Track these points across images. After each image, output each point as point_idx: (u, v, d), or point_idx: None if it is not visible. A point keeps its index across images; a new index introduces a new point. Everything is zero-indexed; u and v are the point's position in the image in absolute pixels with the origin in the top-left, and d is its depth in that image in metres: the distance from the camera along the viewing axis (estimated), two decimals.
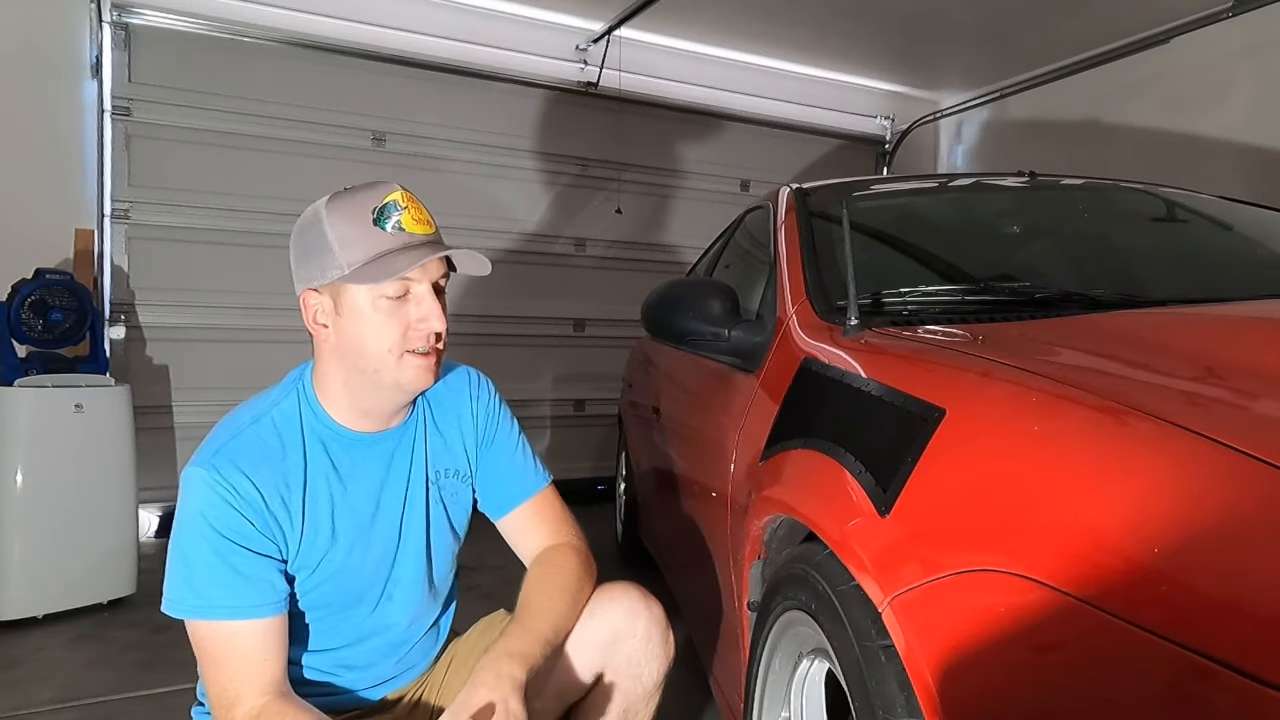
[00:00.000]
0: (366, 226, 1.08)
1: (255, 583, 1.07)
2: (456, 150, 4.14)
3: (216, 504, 1.06)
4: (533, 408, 4.36)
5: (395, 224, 1.09)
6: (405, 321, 1.10)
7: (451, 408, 1.30)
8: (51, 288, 2.79)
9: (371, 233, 1.08)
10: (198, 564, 1.06)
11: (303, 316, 1.14)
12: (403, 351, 1.11)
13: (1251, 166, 3.54)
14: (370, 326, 1.09)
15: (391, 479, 1.22)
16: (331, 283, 1.09)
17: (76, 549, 2.62)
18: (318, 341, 1.15)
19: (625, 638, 1.24)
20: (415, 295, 1.11)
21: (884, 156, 5.38)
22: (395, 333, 1.10)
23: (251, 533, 1.08)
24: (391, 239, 1.08)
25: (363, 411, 1.18)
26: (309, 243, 1.11)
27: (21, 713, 2.01)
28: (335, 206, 1.10)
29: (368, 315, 1.09)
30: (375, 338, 1.10)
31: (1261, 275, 1.57)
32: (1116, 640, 0.59)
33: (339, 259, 1.08)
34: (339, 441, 1.17)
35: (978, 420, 0.85)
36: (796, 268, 1.57)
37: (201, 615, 1.05)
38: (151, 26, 3.56)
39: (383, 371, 1.11)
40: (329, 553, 1.15)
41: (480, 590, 2.67)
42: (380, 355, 1.10)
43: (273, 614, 1.08)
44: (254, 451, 1.10)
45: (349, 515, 1.17)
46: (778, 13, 4.09)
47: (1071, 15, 3.86)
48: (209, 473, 1.07)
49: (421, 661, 1.31)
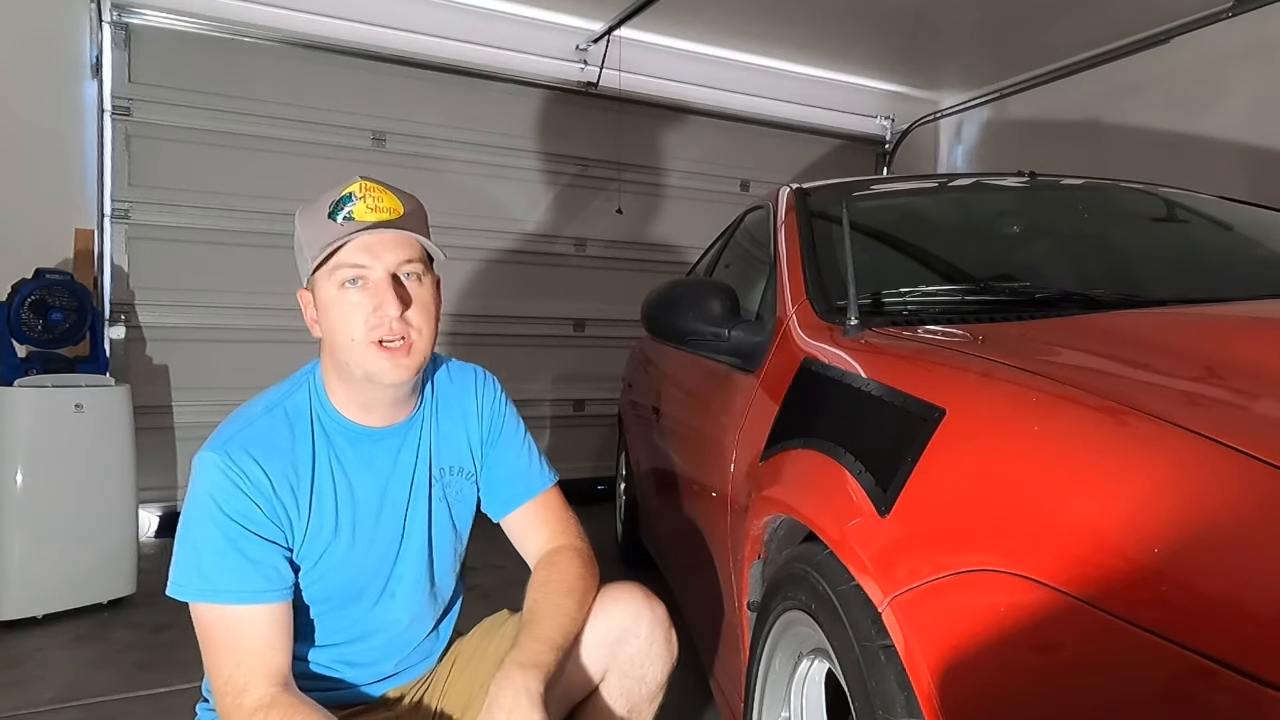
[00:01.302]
0: (322, 219, 1.12)
1: (262, 568, 1.07)
2: (456, 150, 4.14)
3: (226, 488, 1.08)
4: (533, 408, 4.36)
5: (346, 213, 1.11)
6: (364, 309, 1.11)
7: (457, 405, 1.30)
8: (51, 288, 2.79)
9: (325, 226, 1.11)
10: (206, 547, 1.07)
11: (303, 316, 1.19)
12: (368, 341, 1.11)
13: (1251, 166, 3.54)
14: (335, 316, 1.12)
15: (397, 475, 1.22)
16: (309, 279, 1.15)
17: (76, 549, 2.62)
18: (315, 338, 1.18)
19: (629, 638, 1.24)
20: (372, 282, 1.11)
21: (884, 156, 5.38)
22: (357, 322, 1.10)
23: (259, 518, 1.09)
24: (340, 228, 1.10)
25: (361, 405, 1.19)
26: (295, 245, 1.17)
27: (21, 713, 2.01)
28: (305, 207, 1.16)
29: (334, 306, 1.12)
30: (340, 327, 1.11)
31: (1261, 275, 1.57)
32: (1116, 640, 0.59)
33: (306, 254, 1.13)
34: (345, 435, 1.18)
35: (978, 420, 0.85)
36: (796, 268, 1.57)
37: (207, 599, 1.06)
38: (151, 26, 3.56)
39: (352, 363, 1.12)
40: (331, 545, 1.15)
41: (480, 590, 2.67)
42: (347, 345, 1.11)
43: (278, 600, 1.08)
44: (265, 439, 1.12)
45: (353, 509, 1.17)
46: (778, 13, 4.09)
47: (1071, 15, 3.86)
48: (221, 457, 1.08)
49: (423, 661, 1.31)
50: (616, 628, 1.24)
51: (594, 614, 1.24)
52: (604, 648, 1.23)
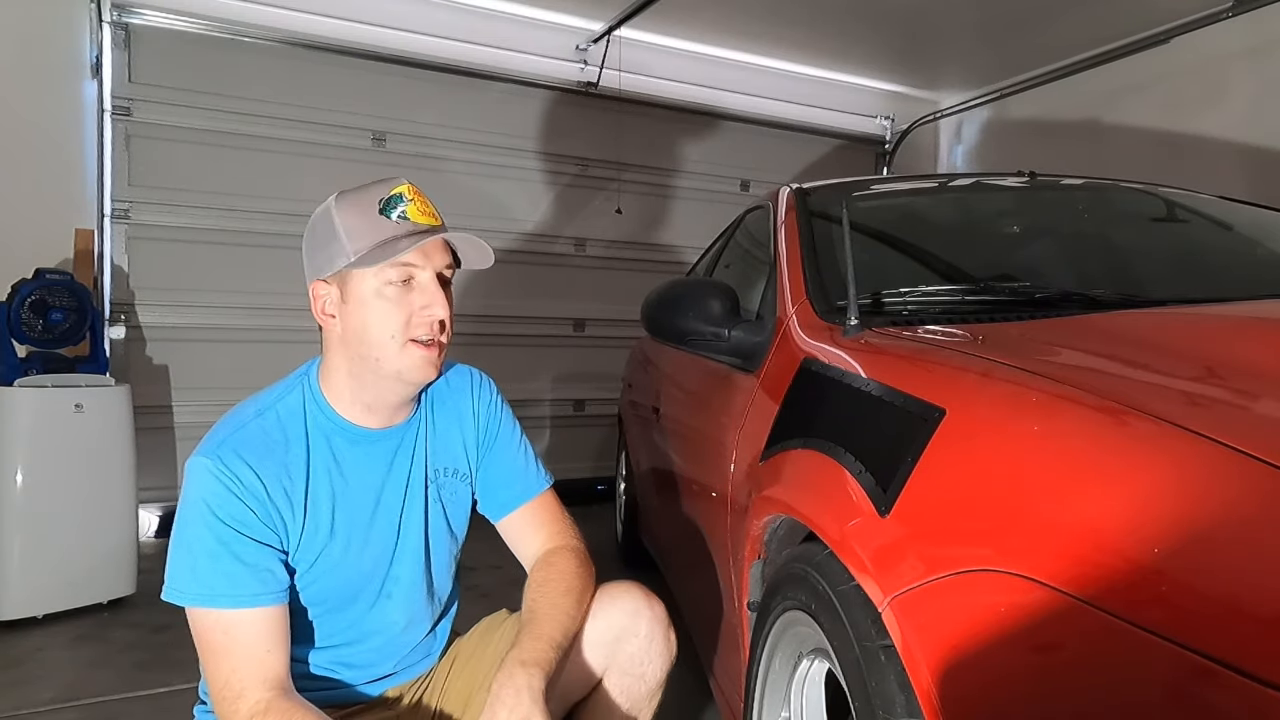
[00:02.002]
0: (373, 216, 1.11)
1: (256, 571, 1.07)
2: (456, 150, 4.14)
3: (220, 492, 1.07)
4: (533, 408, 4.36)
5: (401, 213, 1.12)
6: (409, 308, 1.12)
7: (453, 406, 1.30)
8: (51, 288, 2.79)
9: (378, 221, 1.11)
10: (200, 552, 1.06)
11: (312, 308, 1.16)
12: (406, 339, 1.12)
13: (1251, 166, 3.54)
14: (375, 313, 1.11)
15: (393, 477, 1.22)
16: (339, 271, 1.12)
17: (76, 549, 2.62)
18: (325, 333, 1.17)
19: (628, 637, 1.24)
20: (419, 282, 1.13)
21: (884, 156, 5.38)
22: (399, 319, 1.12)
23: (253, 521, 1.08)
24: (396, 226, 1.11)
25: (366, 405, 1.18)
26: (320, 235, 1.14)
27: (21, 713, 2.02)
28: (345, 199, 1.14)
29: (372, 302, 1.11)
30: (379, 324, 1.11)
31: (1261, 275, 1.57)
32: (1117, 640, 0.59)
33: (346, 247, 1.11)
34: (343, 436, 1.18)
35: (978, 420, 0.85)
36: (796, 268, 1.57)
37: (203, 603, 1.05)
38: (151, 26, 3.56)
39: (384, 360, 1.12)
40: (327, 547, 1.15)
41: (480, 590, 2.68)
42: (383, 342, 1.12)
43: (273, 603, 1.08)
44: (258, 443, 1.11)
45: (349, 510, 1.17)
46: (778, 13, 4.09)
47: (1071, 15, 3.86)
48: (213, 462, 1.08)
49: (422, 661, 1.31)
50: (616, 626, 1.24)
51: (593, 613, 1.24)
52: (603, 646, 1.23)
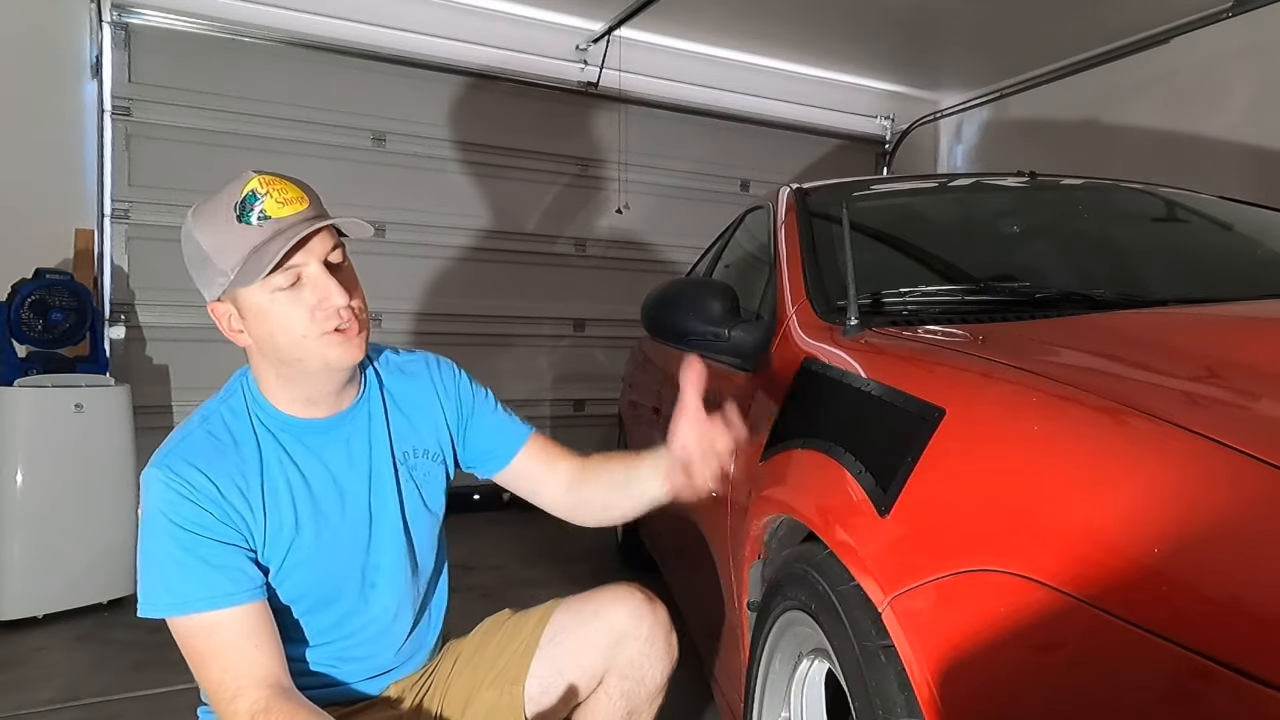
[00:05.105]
0: (232, 226, 1.04)
1: (225, 570, 1.06)
2: (456, 150, 4.15)
3: (173, 499, 1.06)
4: (533, 408, 4.36)
5: (260, 213, 1.05)
6: (307, 306, 1.07)
7: (414, 391, 1.29)
8: (51, 288, 2.79)
9: (239, 231, 1.04)
10: (166, 561, 1.05)
11: (219, 328, 1.12)
12: (319, 333, 1.08)
13: (1251, 166, 3.54)
14: (276, 320, 1.07)
15: (354, 464, 1.21)
16: (224, 291, 1.07)
17: (76, 549, 2.62)
18: (242, 346, 1.14)
19: (629, 639, 1.24)
20: (308, 276, 1.07)
21: (884, 156, 5.38)
22: (302, 319, 1.07)
23: (212, 522, 1.07)
24: (259, 231, 1.04)
25: (305, 400, 1.17)
26: (190, 258, 1.09)
27: (21, 713, 2.02)
28: (200, 215, 1.07)
29: (269, 311, 1.07)
30: (285, 329, 1.07)
31: (1261, 275, 1.57)
32: (1117, 640, 0.59)
33: (220, 267, 1.04)
34: (289, 431, 1.17)
35: (978, 420, 0.85)
36: (796, 268, 1.57)
37: (179, 611, 1.04)
38: (151, 26, 3.56)
39: (306, 358, 1.09)
40: (295, 541, 1.14)
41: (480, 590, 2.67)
42: (297, 343, 1.08)
43: (249, 600, 1.07)
44: (205, 448, 1.10)
45: (311, 502, 1.16)
46: (778, 13, 4.09)
47: (1071, 15, 3.86)
48: (162, 472, 1.07)
49: (420, 650, 1.31)
50: (616, 629, 1.24)
51: (594, 614, 1.24)
52: (604, 648, 1.23)
